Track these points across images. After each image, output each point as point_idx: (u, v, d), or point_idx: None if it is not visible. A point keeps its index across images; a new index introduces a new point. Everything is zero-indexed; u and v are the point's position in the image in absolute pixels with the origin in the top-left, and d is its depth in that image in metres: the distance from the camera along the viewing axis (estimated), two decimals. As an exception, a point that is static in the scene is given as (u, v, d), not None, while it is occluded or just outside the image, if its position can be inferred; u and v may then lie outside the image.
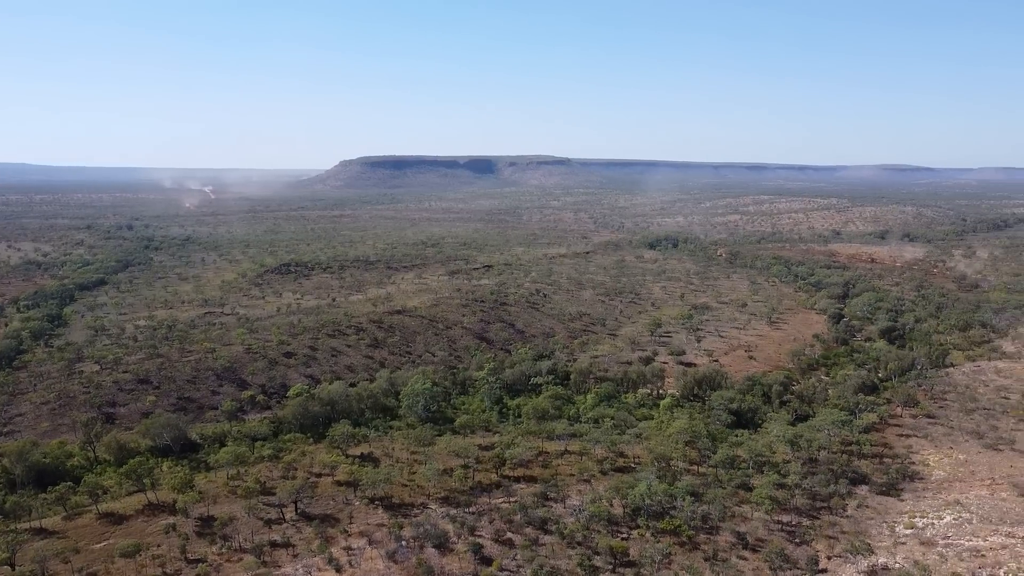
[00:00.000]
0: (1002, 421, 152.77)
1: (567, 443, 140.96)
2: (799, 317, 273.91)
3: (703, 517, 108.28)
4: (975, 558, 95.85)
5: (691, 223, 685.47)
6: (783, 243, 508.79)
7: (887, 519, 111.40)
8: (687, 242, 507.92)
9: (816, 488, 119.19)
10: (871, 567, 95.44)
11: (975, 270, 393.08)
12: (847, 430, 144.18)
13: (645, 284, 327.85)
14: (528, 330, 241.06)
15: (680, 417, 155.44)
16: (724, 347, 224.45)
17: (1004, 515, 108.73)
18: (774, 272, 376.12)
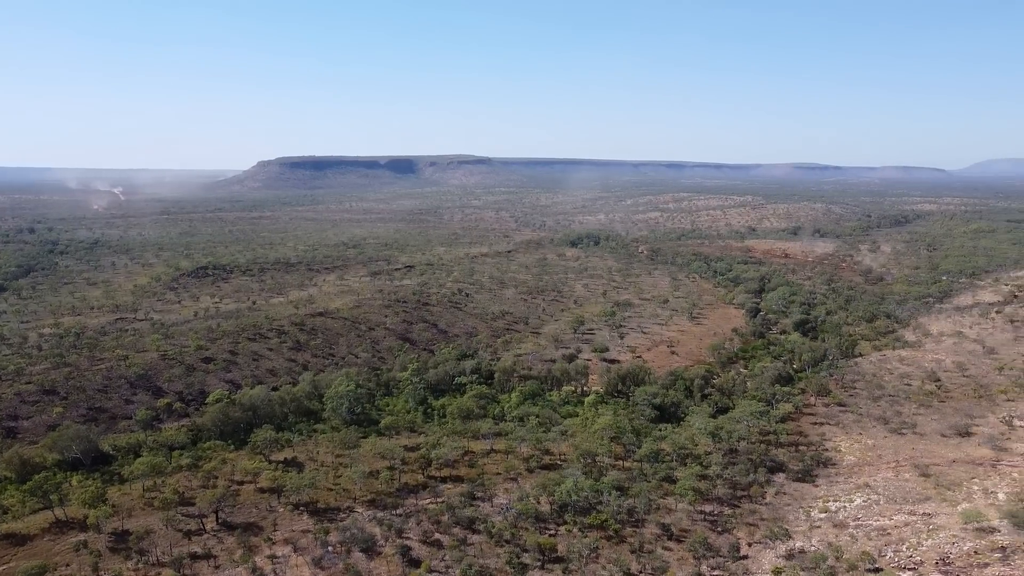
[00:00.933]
0: (905, 407, 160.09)
1: (493, 442, 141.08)
2: (718, 312, 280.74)
3: (629, 510, 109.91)
4: (882, 536, 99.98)
5: (612, 221, 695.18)
6: (702, 240, 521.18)
7: (803, 504, 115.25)
8: (609, 240, 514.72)
9: (736, 478, 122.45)
10: (789, 551, 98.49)
11: (880, 264, 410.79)
12: (765, 420, 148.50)
13: (567, 282, 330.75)
14: (451, 330, 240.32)
15: (605, 413, 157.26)
16: (647, 343, 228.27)
17: (907, 495, 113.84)
18: (694, 268, 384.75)
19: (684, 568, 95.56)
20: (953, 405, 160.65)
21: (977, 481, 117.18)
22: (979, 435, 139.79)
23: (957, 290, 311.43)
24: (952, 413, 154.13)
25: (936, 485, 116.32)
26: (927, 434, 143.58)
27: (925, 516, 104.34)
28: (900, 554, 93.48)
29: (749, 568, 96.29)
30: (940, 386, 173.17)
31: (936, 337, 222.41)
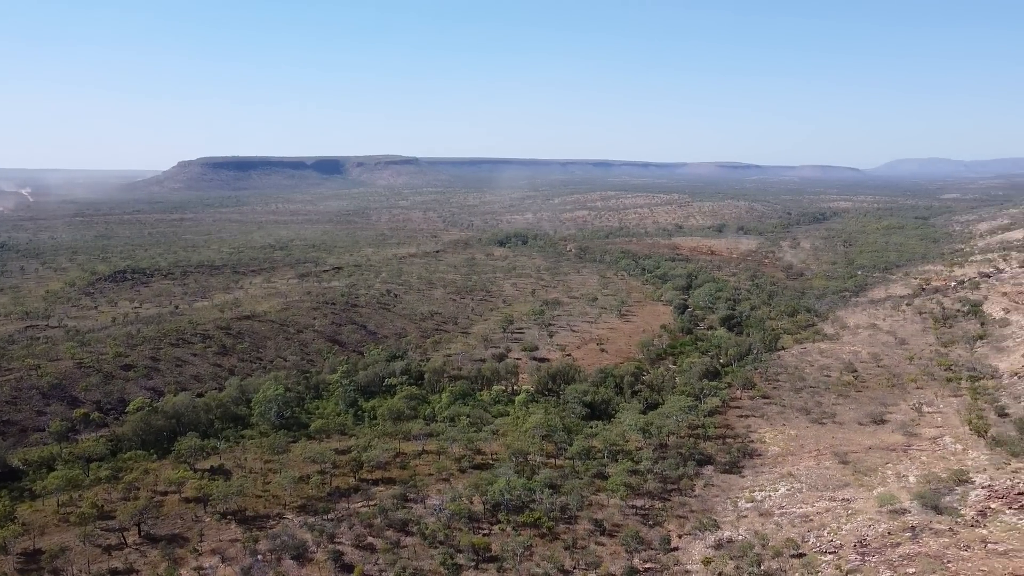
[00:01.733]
0: (825, 397, 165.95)
1: (424, 443, 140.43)
2: (647, 309, 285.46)
3: (562, 508, 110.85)
4: (805, 523, 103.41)
5: (540, 220, 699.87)
6: (630, 237, 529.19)
7: (730, 495, 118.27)
8: (537, 238, 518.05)
9: (667, 472, 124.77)
10: (718, 541, 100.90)
11: (800, 260, 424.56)
12: (693, 415, 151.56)
13: (496, 281, 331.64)
14: (380, 331, 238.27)
15: (535, 412, 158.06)
16: (576, 341, 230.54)
17: (828, 482, 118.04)
18: (622, 266, 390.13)
19: (617, 562, 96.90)
20: (869, 394, 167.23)
21: (891, 466, 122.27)
22: (892, 422, 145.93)
23: (871, 284, 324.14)
24: (868, 402, 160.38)
25: (854, 471, 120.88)
26: (845, 423, 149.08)
27: (844, 501, 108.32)
28: (821, 539, 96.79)
29: (680, 559, 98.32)
30: (857, 376, 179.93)
31: (853, 329, 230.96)
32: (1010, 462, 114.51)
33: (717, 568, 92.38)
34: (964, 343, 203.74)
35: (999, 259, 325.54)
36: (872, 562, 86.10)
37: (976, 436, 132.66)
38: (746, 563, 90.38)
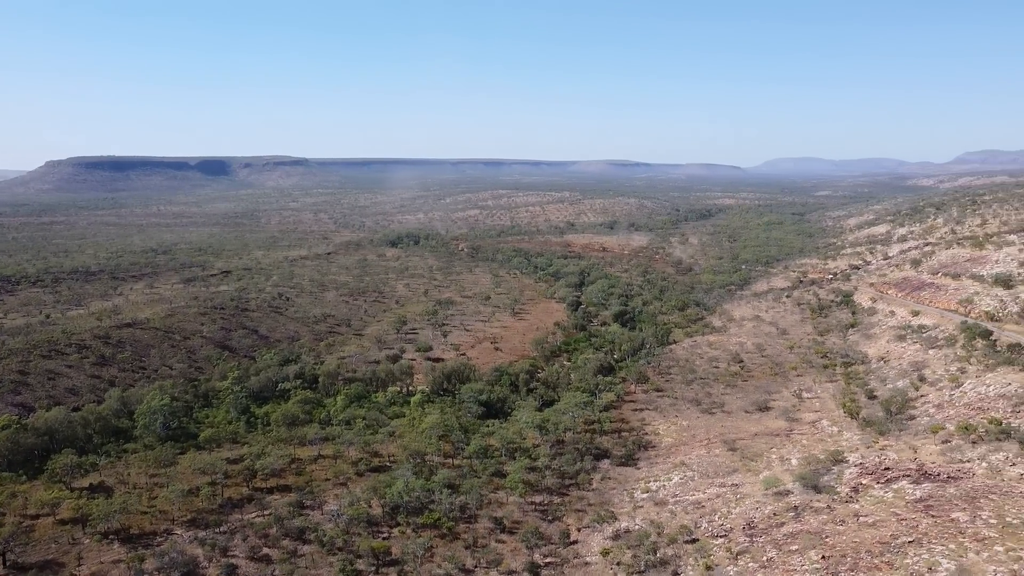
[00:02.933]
0: (714, 388, 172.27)
1: (320, 447, 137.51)
2: (540, 307, 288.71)
3: (461, 507, 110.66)
4: (697, 509, 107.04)
5: (432, 219, 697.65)
6: (522, 236, 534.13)
7: (627, 487, 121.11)
8: (429, 238, 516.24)
9: (564, 467, 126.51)
10: (615, 532, 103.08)
11: (689, 255, 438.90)
12: (589, 410, 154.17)
13: (389, 282, 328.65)
14: (272, 335, 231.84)
15: (432, 412, 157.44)
16: (471, 340, 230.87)
17: (718, 469, 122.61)
18: (515, 264, 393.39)
19: (518, 559, 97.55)
20: (754, 383, 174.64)
21: (775, 450, 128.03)
22: (776, 409, 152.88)
23: (755, 278, 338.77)
24: (753, 391, 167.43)
25: (742, 458, 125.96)
26: (733, 411, 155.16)
27: (733, 487, 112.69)
28: (713, 523, 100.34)
29: (579, 552, 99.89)
30: (743, 367, 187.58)
31: (739, 321, 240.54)
32: (878, 440, 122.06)
33: (615, 558, 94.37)
34: (838, 331, 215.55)
35: (866, 252, 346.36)
36: (759, 542, 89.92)
37: (849, 418, 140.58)
38: (643, 551, 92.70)
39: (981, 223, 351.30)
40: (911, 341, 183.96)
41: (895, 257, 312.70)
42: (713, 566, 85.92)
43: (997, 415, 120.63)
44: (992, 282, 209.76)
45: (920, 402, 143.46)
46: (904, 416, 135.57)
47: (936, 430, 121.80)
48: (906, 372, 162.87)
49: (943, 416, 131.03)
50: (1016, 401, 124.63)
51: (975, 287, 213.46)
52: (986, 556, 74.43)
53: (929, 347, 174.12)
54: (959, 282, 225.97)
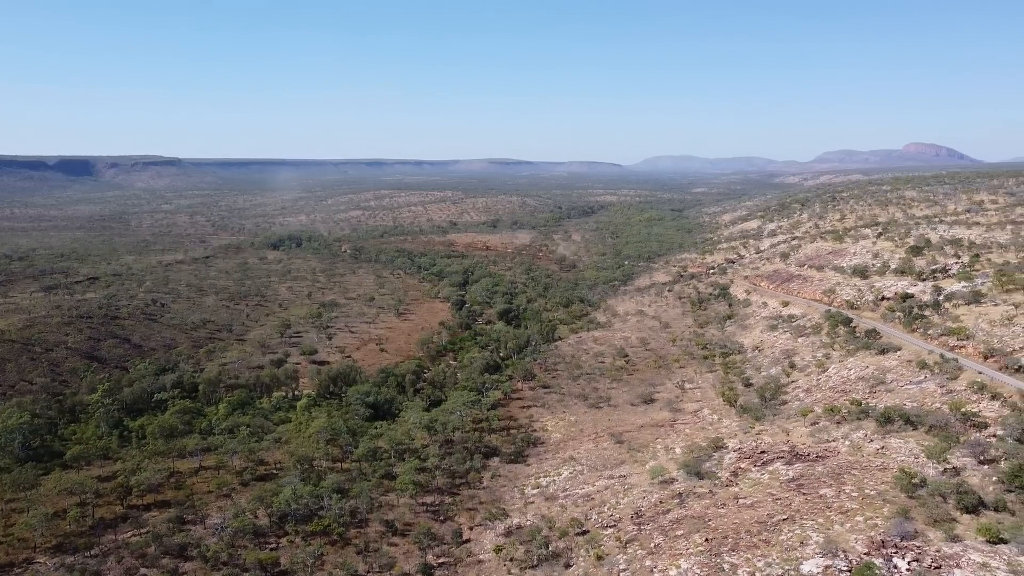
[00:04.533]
0: (600, 382, 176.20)
1: (201, 459, 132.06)
2: (425, 307, 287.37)
3: (352, 512, 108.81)
4: (587, 502, 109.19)
5: (314, 221, 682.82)
6: (405, 236, 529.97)
7: (517, 484, 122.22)
8: (311, 240, 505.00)
9: (454, 466, 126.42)
10: (507, 529, 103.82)
11: (572, 252, 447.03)
12: (477, 409, 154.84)
13: (271, 285, 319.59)
14: (147, 344, 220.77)
15: (319, 416, 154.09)
16: (356, 342, 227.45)
17: (606, 462, 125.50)
18: (398, 264, 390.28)
19: (411, 561, 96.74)
20: (639, 377, 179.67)
21: (660, 441, 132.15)
22: (660, 400, 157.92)
23: (637, 273, 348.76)
24: (638, 384, 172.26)
25: (629, 449, 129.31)
26: (619, 405, 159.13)
27: (621, 478, 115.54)
28: (603, 515, 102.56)
29: (472, 551, 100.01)
30: (628, 361, 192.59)
31: (623, 317, 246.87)
32: (755, 426, 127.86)
33: (508, 554, 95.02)
34: (716, 323, 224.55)
35: (740, 247, 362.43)
36: (647, 530, 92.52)
37: (728, 406, 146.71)
38: (535, 546, 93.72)
39: (840, 218, 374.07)
40: (782, 330, 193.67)
41: (766, 251, 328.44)
42: (603, 556, 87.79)
43: (857, 396, 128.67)
44: (851, 273, 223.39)
45: (791, 387, 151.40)
46: (777, 401, 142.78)
47: (805, 413, 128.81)
48: (778, 360, 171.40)
49: (812, 400, 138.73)
50: (873, 382, 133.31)
51: (837, 278, 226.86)
52: (849, 527, 79.32)
53: (798, 335, 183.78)
54: (823, 273, 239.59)
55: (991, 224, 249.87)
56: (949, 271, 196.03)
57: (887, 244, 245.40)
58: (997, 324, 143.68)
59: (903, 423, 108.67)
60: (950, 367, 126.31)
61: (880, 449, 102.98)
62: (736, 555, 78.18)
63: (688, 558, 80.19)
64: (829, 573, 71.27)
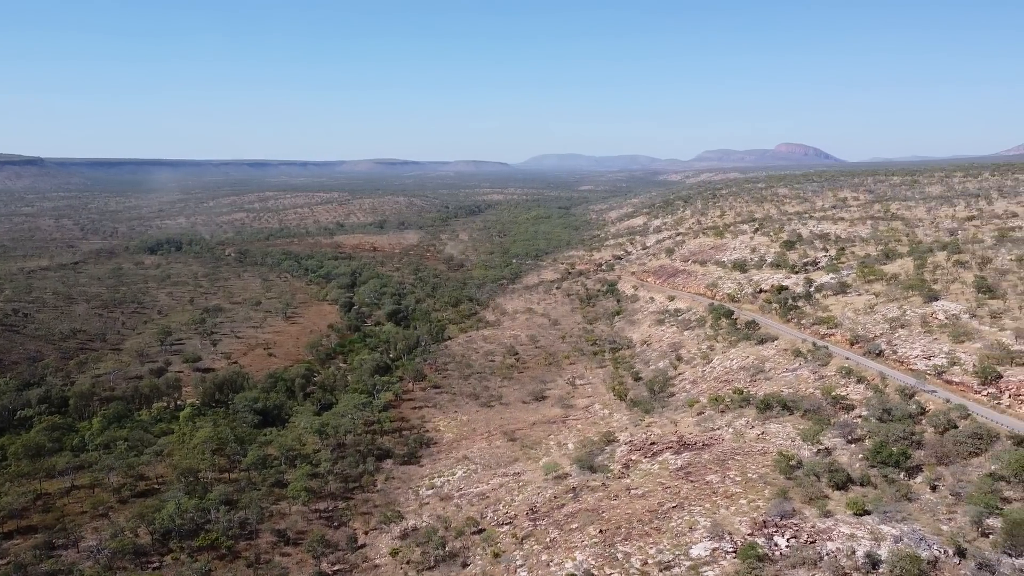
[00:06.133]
0: (492, 381, 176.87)
1: (73, 477, 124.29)
2: (313, 309, 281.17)
3: (241, 523, 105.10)
4: (482, 500, 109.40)
5: (195, 224, 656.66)
6: (291, 238, 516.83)
7: (412, 485, 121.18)
8: (192, 244, 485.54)
9: (347, 471, 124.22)
10: (403, 531, 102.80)
11: (460, 251, 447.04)
12: (368, 411, 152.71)
13: (149, 291, 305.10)
14: (7, 357, 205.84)
15: (204, 426, 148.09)
16: (242, 348, 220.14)
17: (499, 460, 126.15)
18: (285, 267, 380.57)
19: (304, 570, 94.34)
20: (530, 374, 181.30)
21: (553, 437, 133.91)
22: (551, 397, 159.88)
23: (525, 271, 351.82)
24: (529, 381, 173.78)
25: (522, 447, 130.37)
26: (511, 403, 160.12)
27: (515, 475, 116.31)
28: (498, 512, 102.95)
29: (368, 555, 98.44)
30: (518, 359, 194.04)
31: (512, 315, 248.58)
32: (644, 419, 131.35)
33: (405, 557, 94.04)
34: (605, 319, 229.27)
35: (627, 243, 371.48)
36: (542, 525, 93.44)
37: (619, 400, 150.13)
38: (431, 547, 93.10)
39: (721, 214, 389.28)
40: (669, 324, 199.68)
41: (652, 247, 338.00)
42: (500, 553, 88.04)
43: (739, 385, 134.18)
44: (731, 267, 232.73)
45: (679, 380, 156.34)
46: (666, 394, 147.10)
47: (692, 404, 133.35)
48: (666, 353, 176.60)
49: (698, 391, 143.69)
50: (753, 372, 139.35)
51: (719, 272, 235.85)
52: (734, 510, 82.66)
53: (684, 329, 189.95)
54: (706, 268, 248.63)
55: (854, 219, 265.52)
56: (819, 264, 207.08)
57: (763, 239, 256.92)
58: (861, 312, 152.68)
59: (781, 409, 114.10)
60: (821, 354, 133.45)
61: (761, 435, 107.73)
62: (629, 544, 79.97)
63: (583, 550, 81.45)
64: (716, 555, 74.00)
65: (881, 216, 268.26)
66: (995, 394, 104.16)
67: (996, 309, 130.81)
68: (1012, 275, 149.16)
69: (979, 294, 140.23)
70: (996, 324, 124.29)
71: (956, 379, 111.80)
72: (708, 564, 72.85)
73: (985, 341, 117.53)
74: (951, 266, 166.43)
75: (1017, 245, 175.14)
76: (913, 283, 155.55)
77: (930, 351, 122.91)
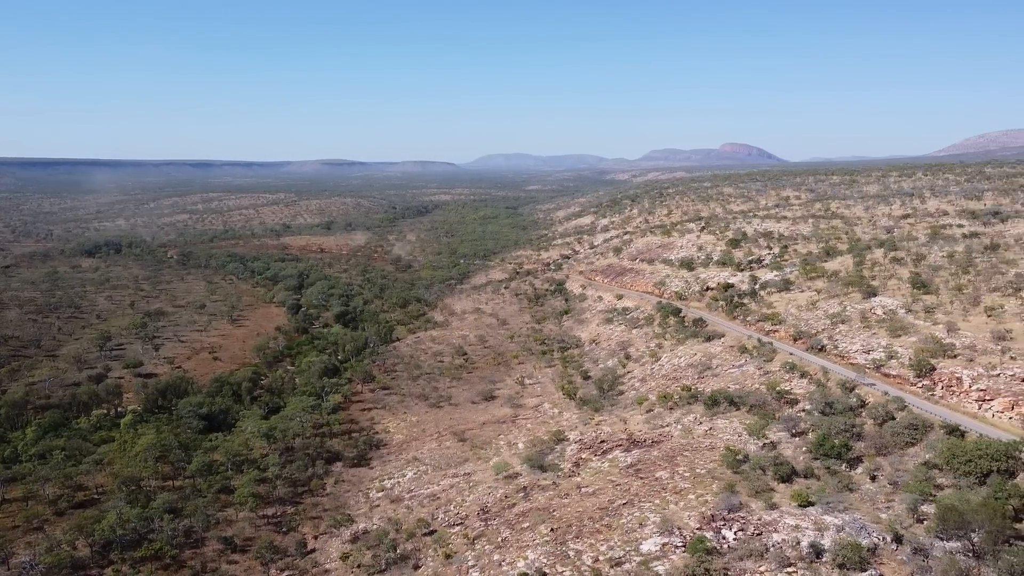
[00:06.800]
0: (441, 382, 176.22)
1: (4, 490, 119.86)
2: (260, 312, 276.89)
3: (186, 532, 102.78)
4: (433, 501, 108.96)
5: (135, 226, 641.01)
6: (237, 240, 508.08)
7: (362, 488, 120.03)
8: (133, 246, 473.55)
9: (296, 474, 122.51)
10: (353, 534, 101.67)
11: (407, 252, 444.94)
12: (317, 414, 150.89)
13: (87, 296, 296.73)
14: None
15: (147, 432, 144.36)
16: (187, 352, 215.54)
17: (450, 460, 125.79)
18: (230, 270, 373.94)
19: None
20: (479, 374, 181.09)
21: (503, 437, 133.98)
22: (501, 397, 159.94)
23: (473, 271, 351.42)
24: (478, 381, 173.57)
25: (472, 447, 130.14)
26: (461, 403, 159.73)
27: (466, 476, 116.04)
28: (449, 513, 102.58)
29: (318, 560, 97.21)
30: (467, 359, 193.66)
31: (460, 315, 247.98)
32: (594, 417, 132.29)
33: (355, 560, 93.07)
34: (554, 318, 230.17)
35: (575, 242, 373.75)
36: (494, 524, 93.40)
37: (568, 399, 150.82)
38: (382, 550, 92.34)
39: (668, 213, 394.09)
40: (617, 323, 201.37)
41: (600, 246, 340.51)
42: (452, 554, 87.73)
43: (687, 382, 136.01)
44: (679, 265, 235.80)
45: (627, 378, 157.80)
46: (615, 392, 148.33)
47: (641, 401, 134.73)
48: (614, 352, 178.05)
49: (646, 388, 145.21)
50: (701, 368, 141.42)
51: (666, 270, 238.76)
52: (683, 505, 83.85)
53: (632, 327, 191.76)
54: (654, 267, 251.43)
55: (796, 218, 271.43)
56: (763, 262, 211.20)
57: (710, 238, 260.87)
58: (803, 309, 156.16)
59: (728, 405, 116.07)
60: (766, 350, 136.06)
61: (708, 430, 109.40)
62: (580, 541, 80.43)
63: (535, 549, 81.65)
64: (666, 550, 74.90)
65: (822, 215, 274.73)
66: (929, 386, 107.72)
67: (930, 304, 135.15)
68: (944, 271, 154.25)
69: (914, 290, 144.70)
70: (930, 319, 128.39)
71: (894, 372, 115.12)
72: (658, 559, 73.70)
73: (920, 335, 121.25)
74: (888, 263, 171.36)
75: (948, 242, 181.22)
76: (853, 280, 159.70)
77: (869, 345, 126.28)
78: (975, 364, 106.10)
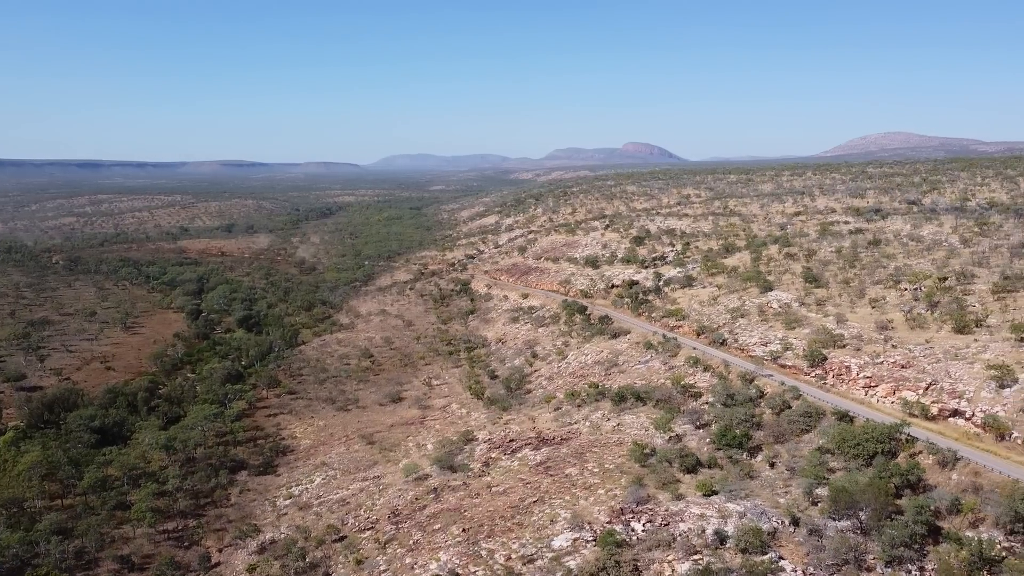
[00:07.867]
0: (347, 384, 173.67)
1: None
2: (157, 318, 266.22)
3: (77, 553, 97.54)
4: (343, 507, 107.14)
5: (14, 229, 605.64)
6: (130, 243, 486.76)
7: (268, 496, 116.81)
8: (12, 251, 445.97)
9: (198, 486, 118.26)
10: (261, 545, 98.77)
11: (311, 254, 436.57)
12: (220, 422, 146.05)
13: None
14: None
15: (32, 449, 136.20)
16: (76, 362, 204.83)
17: (359, 464, 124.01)
18: (123, 275, 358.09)
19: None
20: (386, 376, 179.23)
21: (411, 438, 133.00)
22: (408, 399, 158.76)
23: (378, 273, 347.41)
24: (386, 383, 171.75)
25: (381, 449, 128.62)
26: (368, 406, 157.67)
27: (376, 479, 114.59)
28: (359, 518, 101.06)
29: (223, 574, 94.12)
30: (374, 361, 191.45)
31: (366, 317, 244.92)
32: (502, 416, 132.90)
33: (263, 572, 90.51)
34: (459, 318, 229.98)
35: (479, 242, 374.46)
36: (405, 527, 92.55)
37: (476, 399, 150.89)
38: (291, 560, 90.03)
39: (572, 212, 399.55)
40: (523, 322, 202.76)
41: (505, 245, 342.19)
42: (363, 560, 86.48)
43: (595, 379, 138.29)
44: (584, 263, 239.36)
45: (535, 376, 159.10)
46: (523, 391, 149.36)
47: (549, 399, 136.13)
48: (521, 351, 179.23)
49: (554, 386, 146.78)
50: (607, 365, 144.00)
51: (571, 269, 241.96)
52: (592, 500, 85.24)
53: (539, 326, 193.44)
54: (559, 265, 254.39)
55: (697, 215, 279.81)
56: (667, 258, 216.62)
57: (614, 235, 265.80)
58: (705, 304, 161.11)
59: (635, 400, 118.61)
60: (671, 346, 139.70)
61: (616, 426, 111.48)
62: (492, 541, 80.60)
63: (447, 550, 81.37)
64: (577, 545, 75.90)
65: (721, 212, 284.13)
66: (821, 375, 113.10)
67: (821, 297, 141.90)
68: (833, 266, 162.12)
69: (806, 284, 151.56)
70: (821, 311, 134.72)
71: (789, 363, 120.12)
72: (570, 554, 74.59)
73: (812, 327, 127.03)
74: (782, 258, 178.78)
75: (836, 238, 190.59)
76: (750, 275, 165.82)
77: (766, 338, 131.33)
78: (861, 353, 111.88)
